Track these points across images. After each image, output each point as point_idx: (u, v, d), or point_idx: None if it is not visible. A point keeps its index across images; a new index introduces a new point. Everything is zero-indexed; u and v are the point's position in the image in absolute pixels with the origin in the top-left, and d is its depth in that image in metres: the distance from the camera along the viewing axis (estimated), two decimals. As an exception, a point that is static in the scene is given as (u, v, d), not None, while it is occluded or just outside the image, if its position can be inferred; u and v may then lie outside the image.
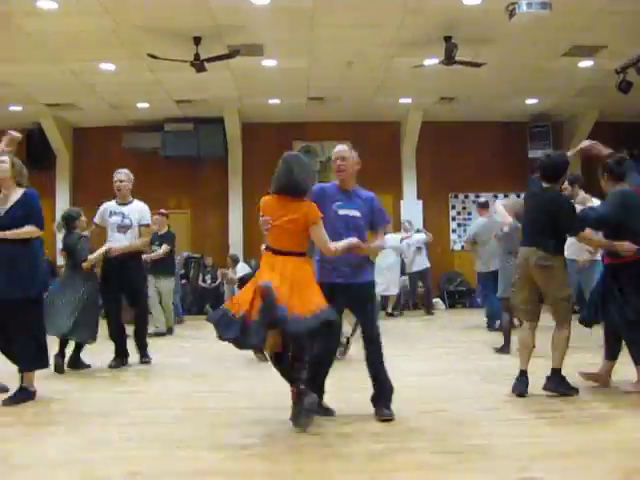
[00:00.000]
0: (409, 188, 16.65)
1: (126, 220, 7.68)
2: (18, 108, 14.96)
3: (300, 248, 4.80)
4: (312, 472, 3.76)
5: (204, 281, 15.34)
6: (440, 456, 4.04)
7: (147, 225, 7.91)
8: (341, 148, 5.20)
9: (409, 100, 15.00)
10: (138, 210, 7.79)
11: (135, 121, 16.18)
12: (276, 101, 14.98)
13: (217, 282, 15.20)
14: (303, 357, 4.73)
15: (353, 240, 4.83)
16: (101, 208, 7.87)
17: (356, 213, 5.04)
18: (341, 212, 5.02)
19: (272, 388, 5.42)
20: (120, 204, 7.79)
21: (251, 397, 5.60)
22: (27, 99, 14.23)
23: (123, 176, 7.81)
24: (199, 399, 5.81)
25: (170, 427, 4.80)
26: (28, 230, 5.63)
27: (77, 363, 7.40)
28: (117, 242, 7.59)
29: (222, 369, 7.38)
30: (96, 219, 7.86)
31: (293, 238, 4.75)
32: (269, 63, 12.23)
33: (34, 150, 16.13)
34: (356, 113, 15.85)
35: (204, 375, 7.02)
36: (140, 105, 15.04)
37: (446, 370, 7.09)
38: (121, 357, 7.58)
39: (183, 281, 14.50)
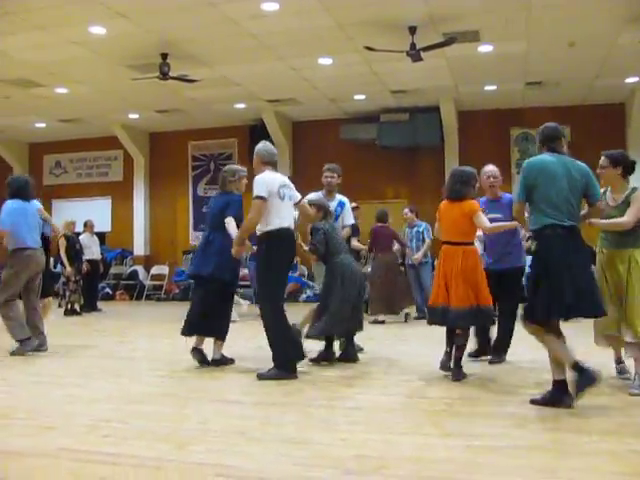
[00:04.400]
0: (638, 175, 15.55)
1: None
2: (242, 105, 15.90)
3: None
4: (542, 469, 3.57)
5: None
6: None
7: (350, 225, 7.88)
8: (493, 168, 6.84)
9: (636, 79, 14.07)
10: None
11: (351, 113, 16.56)
12: (492, 87, 14.70)
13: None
14: None
15: None
16: None
17: None
18: None
19: (501, 381, 5.35)
20: (327, 199, 7.67)
21: (470, 389, 5.52)
22: (250, 97, 15.06)
23: (335, 171, 7.84)
24: (419, 387, 5.84)
25: (394, 413, 4.86)
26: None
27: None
28: None
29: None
30: None
31: None
32: (485, 49, 12.02)
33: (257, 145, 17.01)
34: (576, 96, 15.20)
35: (425, 364, 6.84)
36: (357, 97, 15.37)
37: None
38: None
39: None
